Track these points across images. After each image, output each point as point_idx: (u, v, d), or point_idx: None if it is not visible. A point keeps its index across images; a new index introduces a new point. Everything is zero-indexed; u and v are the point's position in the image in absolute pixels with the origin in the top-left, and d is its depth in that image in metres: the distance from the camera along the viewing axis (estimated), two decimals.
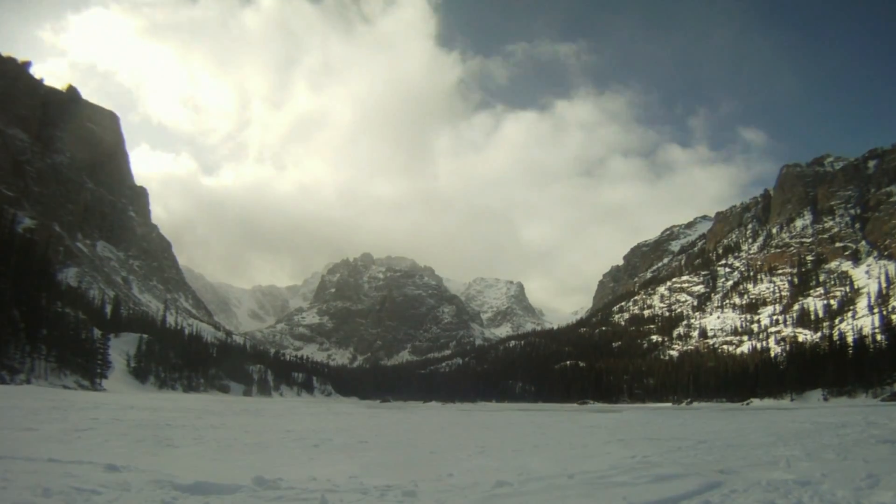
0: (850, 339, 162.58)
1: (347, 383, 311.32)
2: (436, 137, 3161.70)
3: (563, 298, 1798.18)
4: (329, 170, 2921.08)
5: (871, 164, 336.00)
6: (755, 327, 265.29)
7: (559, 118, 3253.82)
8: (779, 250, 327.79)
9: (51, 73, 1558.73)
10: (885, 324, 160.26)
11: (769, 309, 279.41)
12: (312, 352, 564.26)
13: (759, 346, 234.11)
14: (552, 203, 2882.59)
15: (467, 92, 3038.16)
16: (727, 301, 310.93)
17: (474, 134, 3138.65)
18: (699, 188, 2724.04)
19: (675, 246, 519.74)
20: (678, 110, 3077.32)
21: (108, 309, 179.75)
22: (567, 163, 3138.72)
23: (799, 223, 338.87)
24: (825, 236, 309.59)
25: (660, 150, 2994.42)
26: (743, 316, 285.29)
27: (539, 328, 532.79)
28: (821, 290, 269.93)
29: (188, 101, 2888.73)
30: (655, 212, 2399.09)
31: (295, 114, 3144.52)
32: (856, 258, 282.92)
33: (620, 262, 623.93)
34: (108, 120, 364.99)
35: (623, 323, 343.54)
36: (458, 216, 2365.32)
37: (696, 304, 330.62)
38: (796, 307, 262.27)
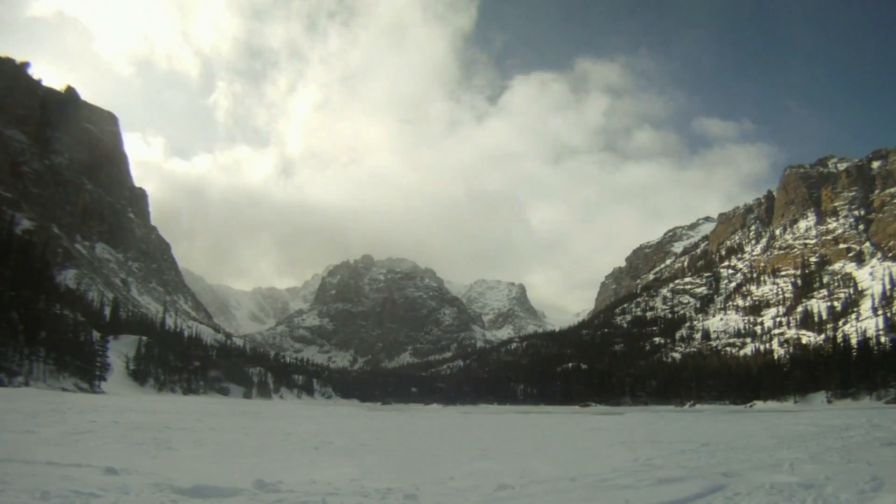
0: (853, 342, 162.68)
1: (348, 386, 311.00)
2: (436, 102, 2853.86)
3: (570, 294, 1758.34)
4: (311, 148, 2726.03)
5: (876, 164, 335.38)
6: (758, 329, 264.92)
7: (581, 79, 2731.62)
8: (782, 252, 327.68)
9: None
10: (890, 326, 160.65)
11: (772, 311, 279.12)
12: (313, 354, 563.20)
13: (762, 348, 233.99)
14: (566, 182, 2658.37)
15: (482, 36, 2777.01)
16: (730, 303, 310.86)
17: (479, 99, 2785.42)
18: (736, 167, 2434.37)
19: (678, 247, 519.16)
20: (726, 74, 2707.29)
21: (107, 311, 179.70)
22: (587, 134, 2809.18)
23: (802, 224, 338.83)
24: (829, 238, 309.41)
25: (695, 121, 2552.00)
26: (746, 318, 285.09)
27: (541, 330, 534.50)
28: (824, 291, 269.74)
29: (141, 59, 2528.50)
30: (684, 193, 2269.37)
31: (270, 77, 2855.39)
32: (860, 260, 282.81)
33: (623, 264, 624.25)
34: (107, 121, 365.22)
35: (625, 325, 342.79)
36: (460, 198, 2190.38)
37: (698, 305, 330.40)
38: (800, 309, 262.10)
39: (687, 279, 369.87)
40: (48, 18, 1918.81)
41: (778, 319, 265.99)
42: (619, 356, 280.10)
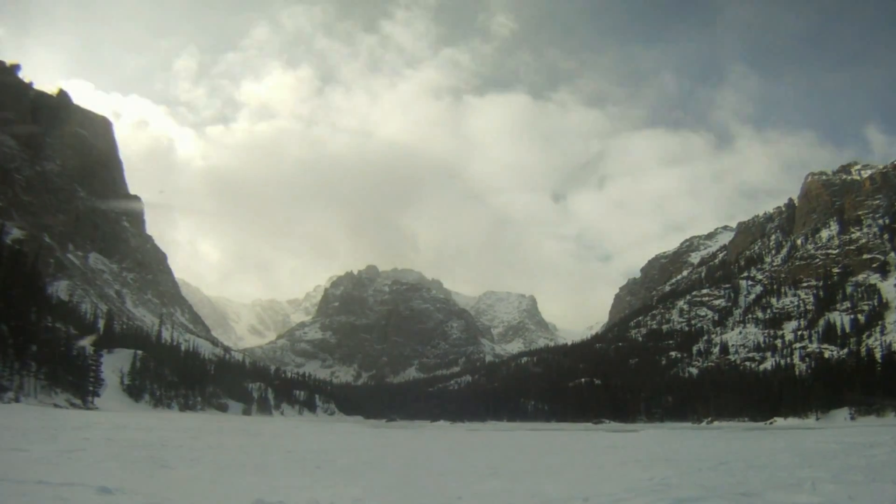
0: (878, 355, 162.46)
1: (352, 402, 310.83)
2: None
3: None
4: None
5: None
6: (779, 343, 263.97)
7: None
8: (803, 262, 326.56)
9: None
10: None
11: (793, 324, 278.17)
12: (315, 369, 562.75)
13: (782, 362, 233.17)
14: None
15: None
16: (749, 315, 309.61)
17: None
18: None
19: (695, 258, 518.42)
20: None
21: (101, 324, 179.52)
22: None
23: (825, 234, 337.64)
24: (852, 248, 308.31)
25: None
26: (766, 331, 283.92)
27: (552, 344, 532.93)
28: (847, 303, 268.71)
29: None
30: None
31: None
32: (884, 271, 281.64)
33: (638, 275, 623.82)
34: (101, 126, 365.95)
35: (640, 338, 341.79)
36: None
37: (716, 318, 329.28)
38: (822, 322, 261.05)
39: (704, 291, 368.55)
40: None
41: (799, 333, 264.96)
42: (633, 371, 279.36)
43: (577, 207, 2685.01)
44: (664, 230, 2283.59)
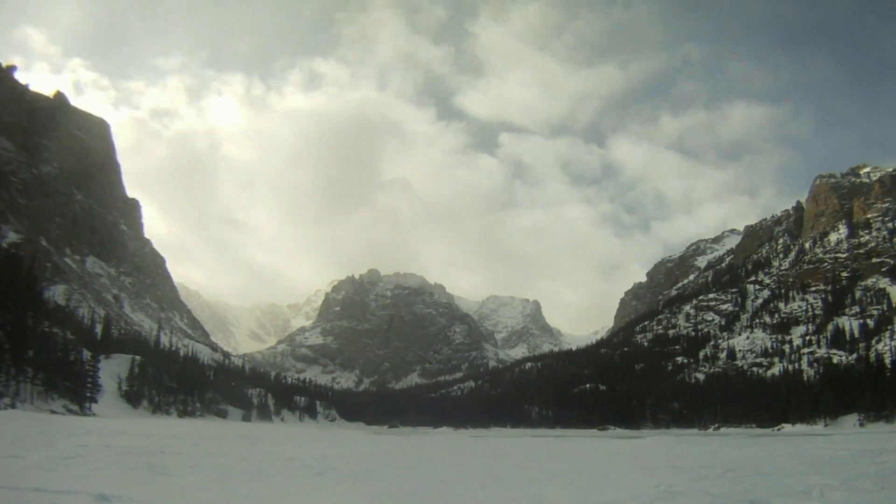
0: (887, 361, 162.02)
1: (353, 408, 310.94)
2: None
3: None
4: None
5: None
6: (786, 348, 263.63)
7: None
8: (812, 266, 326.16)
9: None
10: None
11: (801, 328, 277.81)
12: (316, 374, 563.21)
13: (790, 368, 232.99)
14: None
15: None
16: (757, 320, 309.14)
17: None
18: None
19: (702, 262, 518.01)
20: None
21: (99, 328, 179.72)
22: None
23: (833, 237, 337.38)
24: (861, 251, 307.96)
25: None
26: (773, 336, 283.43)
27: (556, 349, 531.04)
28: (856, 308, 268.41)
29: None
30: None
31: None
32: (893, 274, 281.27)
33: (643, 279, 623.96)
34: (98, 128, 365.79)
35: (646, 343, 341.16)
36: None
37: (723, 323, 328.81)
38: (830, 327, 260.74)
39: (711, 295, 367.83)
40: None
41: (807, 338, 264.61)
42: (639, 377, 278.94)
43: (621, 155, 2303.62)
44: (734, 190, 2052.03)
